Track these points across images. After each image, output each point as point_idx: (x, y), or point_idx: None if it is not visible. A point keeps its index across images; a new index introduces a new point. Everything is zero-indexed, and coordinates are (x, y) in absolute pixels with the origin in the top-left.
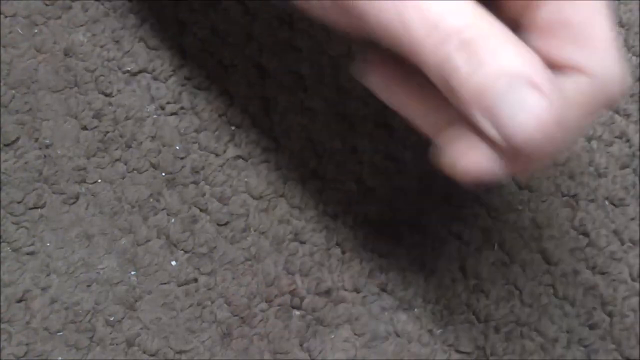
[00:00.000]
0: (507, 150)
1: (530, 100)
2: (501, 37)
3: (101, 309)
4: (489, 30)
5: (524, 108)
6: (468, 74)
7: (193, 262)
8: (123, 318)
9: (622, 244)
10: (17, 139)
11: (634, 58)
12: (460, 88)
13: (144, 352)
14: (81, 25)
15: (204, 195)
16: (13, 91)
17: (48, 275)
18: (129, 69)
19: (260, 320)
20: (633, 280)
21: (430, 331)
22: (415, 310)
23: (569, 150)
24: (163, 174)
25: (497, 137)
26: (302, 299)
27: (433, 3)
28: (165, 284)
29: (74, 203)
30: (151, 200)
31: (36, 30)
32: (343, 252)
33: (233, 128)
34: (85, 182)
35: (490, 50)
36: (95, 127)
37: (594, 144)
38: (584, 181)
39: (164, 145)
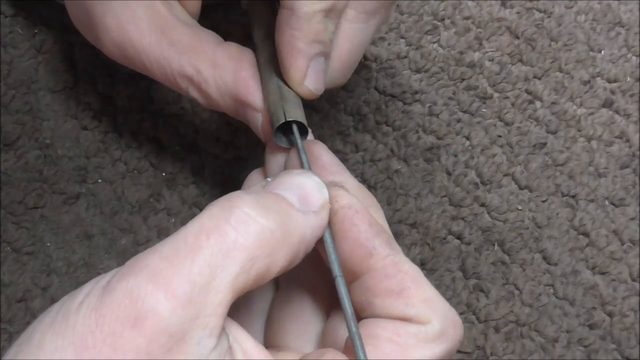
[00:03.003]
0: None
1: (257, 122)
2: (213, 62)
3: None
4: (202, 60)
5: (261, 131)
6: (205, 102)
7: None
8: None
9: (622, 244)
10: (17, 139)
11: (634, 58)
12: (210, 108)
13: None
14: None
15: (204, 195)
16: (13, 91)
17: (48, 275)
18: (128, 70)
19: None
20: (633, 280)
21: None
22: None
23: (569, 150)
24: (163, 174)
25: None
26: None
27: (159, 50)
28: None
29: (74, 203)
30: (151, 200)
31: (36, 30)
32: None
33: (233, 128)
34: (85, 182)
35: (209, 82)
36: (95, 127)
37: (594, 144)
38: (584, 181)
39: (164, 146)
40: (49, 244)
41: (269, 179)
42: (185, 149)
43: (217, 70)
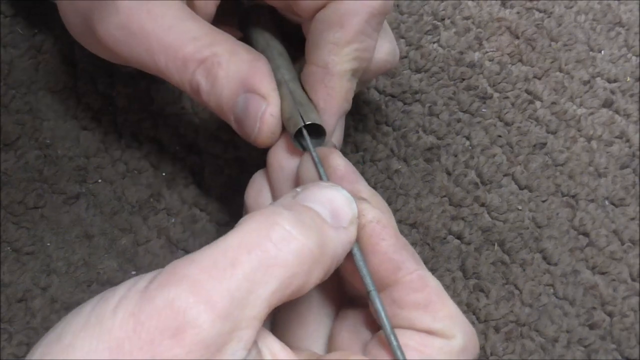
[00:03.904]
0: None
1: (260, 109)
2: (232, 50)
3: None
4: (220, 47)
5: (259, 121)
6: (207, 90)
7: None
8: None
9: (622, 244)
10: (17, 139)
11: (634, 58)
12: (208, 102)
13: None
14: None
15: (204, 195)
16: (13, 91)
17: (48, 275)
18: (128, 70)
19: None
20: (633, 280)
21: None
22: None
23: (569, 150)
24: (163, 174)
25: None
26: None
27: (171, 34)
28: None
29: (74, 203)
30: (151, 200)
31: (36, 30)
32: None
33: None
34: (85, 182)
35: (223, 65)
36: (95, 127)
37: (594, 144)
38: (584, 181)
39: (164, 146)
40: (49, 244)
41: (298, 189)
42: (185, 149)
43: (234, 56)
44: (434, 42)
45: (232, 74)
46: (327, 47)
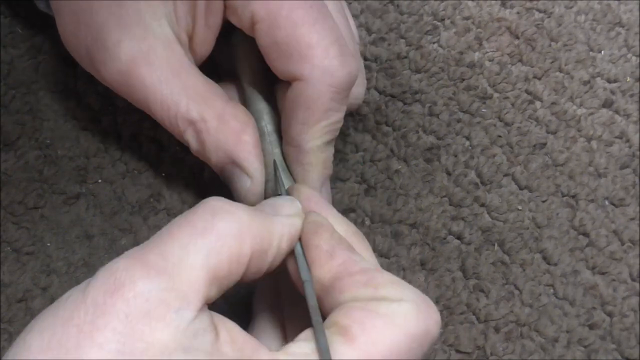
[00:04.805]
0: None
1: (245, 187)
2: (220, 116)
3: None
4: (210, 111)
5: (243, 198)
6: (197, 150)
7: None
8: None
9: (622, 244)
10: (17, 139)
11: (634, 58)
12: (197, 156)
13: None
14: None
15: (204, 195)
16: (13, 91)
17: (48, 275)
18: None
19: None
20: (633, 280)
21: None
22: None
23: (569, 151)
24: (163, 174)
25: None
26: None
27: (166, 89)
28: None
29: (74, 203)
30: (151, 200)
31: (36, 30)
32: None
33: None
34: (85, 182)
35: (210, 132)
36: (95, 127)
37: (594, 144)
38: (584, 181)
39: (164, 146)
40: (49, 244)
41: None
42: (185, 149)
43: (222, 125)
44: (434, 42)
45: (219, 144)
46: (297, 127)
